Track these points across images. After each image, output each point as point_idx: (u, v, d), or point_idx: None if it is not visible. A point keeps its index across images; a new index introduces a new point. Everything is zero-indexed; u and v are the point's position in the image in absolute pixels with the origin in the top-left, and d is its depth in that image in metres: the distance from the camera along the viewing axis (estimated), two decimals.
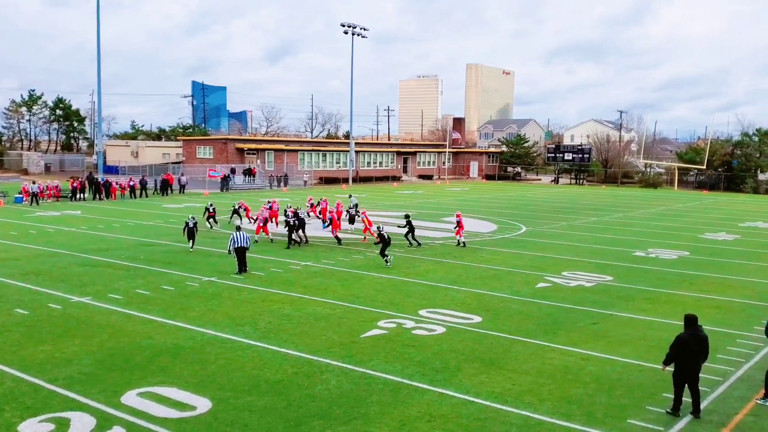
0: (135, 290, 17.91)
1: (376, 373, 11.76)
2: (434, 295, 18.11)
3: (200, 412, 9.87)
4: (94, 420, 9.48)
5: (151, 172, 70.17)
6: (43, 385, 10.83)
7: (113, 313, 15.50)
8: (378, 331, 14.36)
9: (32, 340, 13.30)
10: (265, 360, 12.36)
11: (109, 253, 23.91)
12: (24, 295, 17.22)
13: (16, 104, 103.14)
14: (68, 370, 11.59)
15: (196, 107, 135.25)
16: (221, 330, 14.24)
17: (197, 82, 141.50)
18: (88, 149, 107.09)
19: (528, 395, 10.89)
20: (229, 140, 78.16)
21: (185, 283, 19.03)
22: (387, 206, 47.21)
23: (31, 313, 15.32)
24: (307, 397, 10.60)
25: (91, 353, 12.52)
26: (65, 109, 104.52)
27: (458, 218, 27.76)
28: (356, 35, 75.32)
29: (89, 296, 17.10)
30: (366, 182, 79.92)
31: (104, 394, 10.48)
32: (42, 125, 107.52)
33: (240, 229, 21.22)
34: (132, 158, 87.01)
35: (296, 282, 19.43)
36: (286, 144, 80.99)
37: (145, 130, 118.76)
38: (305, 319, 15.34)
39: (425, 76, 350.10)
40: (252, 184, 66.42)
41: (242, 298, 17.24)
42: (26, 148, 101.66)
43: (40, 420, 9.45)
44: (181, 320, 14.96)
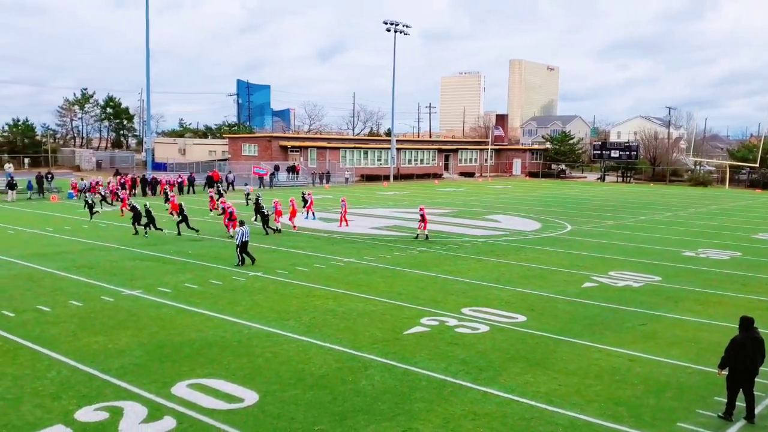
0: (183, 284, 18.30)
1: (420, 370, 11.80)
2: (477, 293, 18.06)
3: (248, 404, 10.06)
4: (145, 410, 9.75)
5: (197, 169, 71.42)
6: (97, 375, 11.17)
7: (163, 306, 15.87)
8: (421, 329, 14.40)
9: (86, 331, 13.72)
10: (309, 354, 12.52)
11: (158, 248, 24.45)
12: (78, 287, 17.75)
13: (69, 103, 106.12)
14: (121, 360, 11.93)
15: (241, 105, 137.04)
16: (267, 324, 14.47)
17: (242, 80, 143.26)
18: (137, 146, 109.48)
19: (574, 396, 10.81)
20: (273, 138, 79.05)
21: (232, 277, 19.36)
22: (428, 203, 47.16)
23: (85, 305, 15.80)
24: (352, 391, 10.70)
25: (142, 345, 12.86)
26: (115, 108, 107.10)
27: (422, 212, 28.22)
28: (399, 33, 75.34)
29: (140, 289, 17.54)
30: (407, 180, 79.90)
31: (155, 384, 10.76)
32: (93, 123, 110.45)
33: (244, 224, 21.81)
34: (180, 155, 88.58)
35: (339, 278, 19.59)
36: (328, 141, 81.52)
37: (192, 128, 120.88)
38: (348, 314, 15.47)
39: (467, 73, 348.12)
40: (295, 181, 67.05)
41: (287, 293, 17.46)
42: (78, 145, 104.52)
43: (95, 408, 9.75)
44: (228, 314, 15.24)
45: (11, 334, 13.29)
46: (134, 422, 9.30)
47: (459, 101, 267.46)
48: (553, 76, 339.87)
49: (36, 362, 11.75)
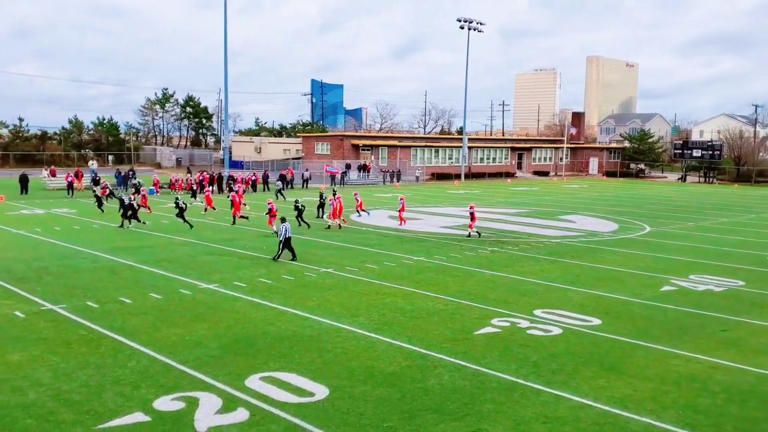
0: (258, 279, 18.71)
1: (490, 371, 11.68)
2: (550, 295, 17.74)
3: (318, 399, 10.20)
4: (220, 401, 10.01)
5: (272, 167, 72.88)
6: (174, 366, 11.55)
7: (238, 300, 16.27)
8: (491, 329, 14.25)
9: (165, 323, 14.21)
10: (379, 351, 12.58)
11: (234, 243, 25.09)
12: (158, 280, 18.40)
13: (151, 102, 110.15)
14: (197, 352, 12.30)
15: (314, 105, 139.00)
16: (337, 320, 14.62)
17: (316, 80, 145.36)
18: (215, 145, 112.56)
19: (650, 402, 10.47)
20: (345, 137, 79.76)
21: (304, 273, 19.67)
22: (500, 203, 46.63)
23: (164, 298, 16.37)
24: (421, 390, 10.70)
25: (217, 337, 13.22)
26: (195, 107, 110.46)
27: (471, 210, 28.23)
28: (473, 30, 74.76)
29: (216, 283, 18.03)
30: (478, 178, 79.25)
31: (229, 376, 11.04)
32: (174, 122, 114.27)
33: (285, 220, 22.31)
34: (255, 154, 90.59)
35: (409, 276, 19.61)
36: (399, 140, 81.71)
37: (268, 126, 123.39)
38: (418, 313, 15.47)
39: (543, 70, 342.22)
40: (366, 180, 67.52)
41: (357, 290, 17.61)
42: (159, 144, 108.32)
43: (172, 398, 10.08)
44: (300, 309, 15.49)
45: (95, 325, 13.89)
46: (209, 413, 9.56)
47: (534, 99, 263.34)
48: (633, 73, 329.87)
49: (117, 352, 12.25)
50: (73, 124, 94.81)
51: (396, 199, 37.43)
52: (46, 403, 9.79)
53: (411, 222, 33.46)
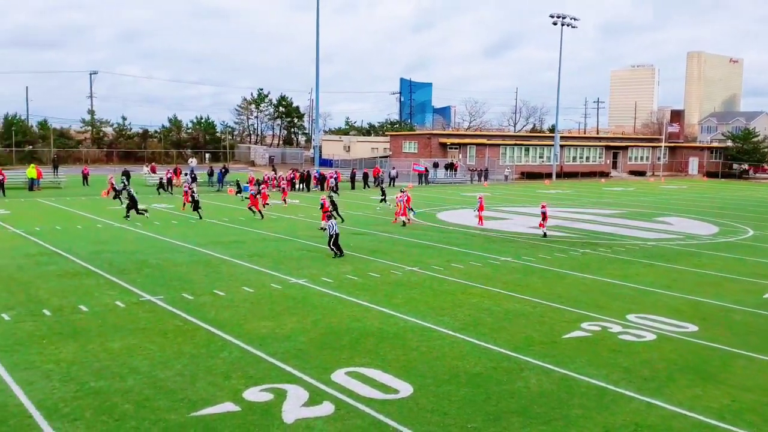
0: (345, 275, 18.96)
1: (579, 375, 11.38)
2: (644, 299, 17.11)
3: (402, 396, 10.23)
4: (307, 394, 10.21)
5: (360, 165, 73.69)
6: (264, 358, 11.87)
7: (325, 296, 16.55)
8: (581, 333, 13.89)
9: (256, 315, 14.63)
10: (464, 352, 12.49)
11: (322, 240, 25.49)
12: (250, 274, 18.97)
13: (246, 102, 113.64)
14: (286, 345, 12.59)
15: (403, 103, 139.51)
16: (422, 318, 14.63)
17: (405, 79, 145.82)
18: (306, 143, 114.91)
19: (750, 414, 9.92)
20: (433, 135, 79.71)
21: (389, 271, 19.78)
22: (593, 203, 45.36)
23: (255, 291, 16.85)
24: (506, 392, 10.55)
25: (305, 331, 13.49)
26: (287, 107, 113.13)
27: (543, 209, 27.68)
28: (566, 26, 73.05)
29: (305, 278, 18.41)
30: (571, 178, 77.39)
31: (316, 370, 11.24)
32: (267, 121, 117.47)
33: (332, 218, 22.68)
34: (344, 152, 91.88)
35: (496, 277, 19.38)
36: (488, 138, 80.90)
37: (357, 125, 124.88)
38: (504, 314, 15.26)
39: (640, 66, 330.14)
40: (453, 179, 67.21)
41: (443, 289, 17.55)
42: (253, 142, 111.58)
43: (261, 389, 10.36)
44: (385, 306, 15.59)
45: (190, 316, 14.47)
46: (296, 405, 9.77)
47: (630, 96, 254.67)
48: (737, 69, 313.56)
49: (210, 343, 12.70)
50: (172, 123, 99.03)
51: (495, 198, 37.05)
52: (143, 389, 10.28)
53: (499, 222, 33.09)
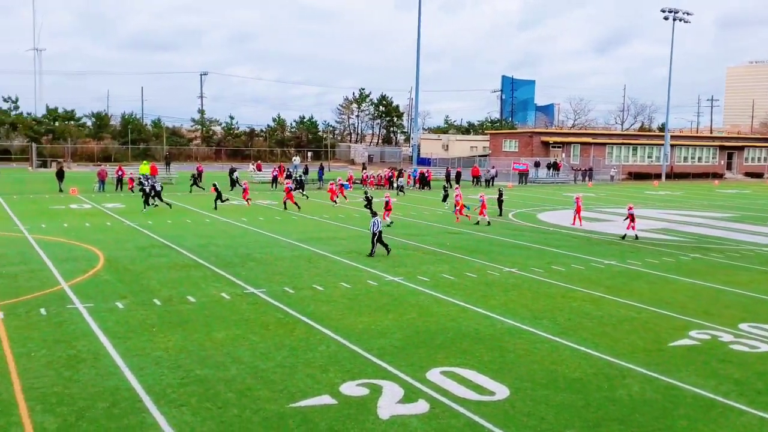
0: (441, 274, 18.92)
1: (685, 385, 10.85)
2: (759, 308, 16.09)
3: (498, 398, 10.09)
4: (402, 391, 10.26)
5: (459, 164, 73.31)
6: (360, 353, 12.02)
7: (421, 294, 16.58)
8: (688, 341, 13.24)
9: (353, 311, 14.84)
10: (563, 356, 12.18)
11: (419, 239, 25.59)
12: (347, 270, 19.27)
13: (348, 101, 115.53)
14: (382, 341, 12.70)
15: (504, 101, 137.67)
16: (520, 321, 14.38)
17: (507, 76, 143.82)
18: (404, 142, 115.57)
19: None
20: (535, 133, 78.19)
21: (487, 271, 19.57)
22: (705, 206, 43.13)
23: (352, 288, 17.10)
24: (607, 399, 10.20)
25: (401, 329, 13.56)
26: (387, 106, 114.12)
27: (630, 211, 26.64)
28: (679, 21, 69.82)
29: (401, 276, 18.51)
30: (681, 179, 73.94)
31: (411, 368, 11.27)
32: (367, 120, 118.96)
33: (376, 214, 22.40)
34: (443, 151, 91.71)
35: (598, 280, 18.77)
36: (593, 137, 78.51)
37: (456, 124, 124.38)
38: (607, 319, 14.76)
39: (758, 62, 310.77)
40: (556, 178, 65.67)
41: (542, 292, 17.18)
42: (353, 141, 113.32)
43: (357, 384, 10.50)
44: (482, 307, 15.44)
45: (290, 309, 14.86)
46: (391, 401, 9.83)
47: (747, 94, 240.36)
48: None
49: (309, 336, 12.99)
50: (277, 122, 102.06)
51: (585, 199, 36.09)
52: (245, 379, 10.64)
53: (602, 224, 32.08)
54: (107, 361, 11.25)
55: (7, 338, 12.26)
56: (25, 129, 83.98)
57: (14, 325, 13.11)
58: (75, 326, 13.18)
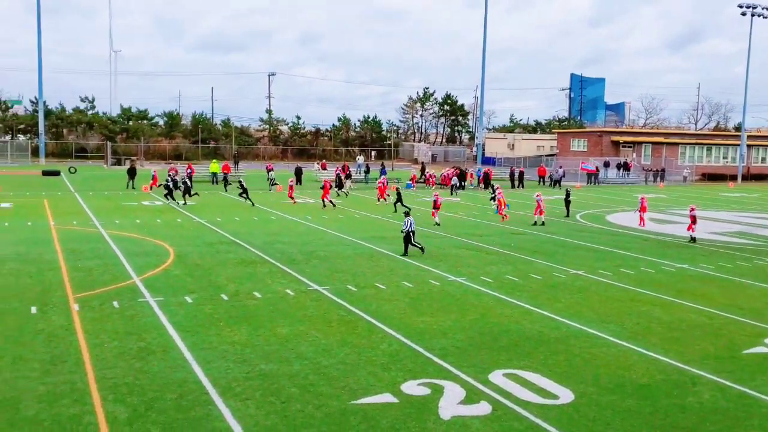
0: (505, 276, 18.70)
1: (759, 394, 10.40)
2: None
3: (562, 402, 9.91)
4: (463, 392, 10.19)
5: (525, 164, 72.36)
6: (421, 352, 12.00)
7: (484, 295, 16.43)
8: (764, 349, 12.69)
9: (415, 310, 14.83)
10: (631, 361, 11.86)
11: (483, 239, 25.36)
12: (410, 269, 19.27)
13: (412, 101, 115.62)
14: (443, 342, 12.65)
15: (572, 100, 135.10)
16: (586, 324, 14.07)
17: (576, 74, 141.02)
18: (469, 141, 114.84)
19: None
20: (604, 133, 76.48)
21: (552, 273, 19.24)
22: None
23: (414, 287, 17.09)
24: (676, 407, 9.88)
25: (463, 329, 13.47)
26: (452, 105, 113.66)
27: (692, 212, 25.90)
28: (757, 16, 67.01)
29: (464, 277, 18.39)
30: (759, 180, 70.98)
31: (473, 369, 11.18)
32: (431, 119, 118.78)
33: (409, 214, 22.03)
34: (508, 150, 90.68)
35: (669, 284, 18.19)
36: (665, 137, 76.23)
37: (522, 123, 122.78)
38: (677, 324, 14.29)
39: None
40: (626, 179, 64.03)
41: (609, 295, 16.78)
42: (417, 140, 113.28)
43: (419, 383, 10.48)
44: (547, 309, 15.18)
45: (353, 307, 14.96)
46: (452, 402, 9.78)
47: None
48: None
49: (371, 334, 13.05)
50: (342, 122, 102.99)
51: (657, 201, 35.08)
52: (308, 375, 10.77)
53: (674, 226, 31.10)
54: (176, 354, 11.58)
55: (82, 329, 12.77)
56: (100, 128, 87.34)
57: (89, 316, 13.65)
58: (146, 319, 13.62)
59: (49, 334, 12.47)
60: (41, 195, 38.14)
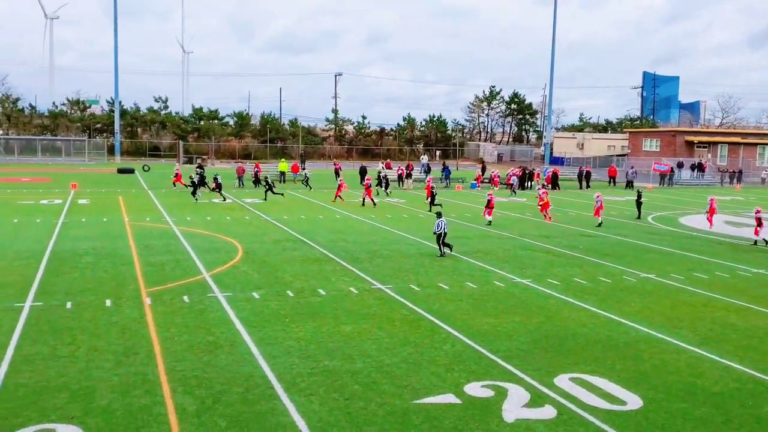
0: (572, 278, 18.34)
1: None
2: None
3: (630, 408, 9.64)
4: (528, 395, 10.04)
5: (594, 164, 70.79)
6: (485, 354, 11.89)
7: (550, 298, 16.15)
8: None
9: (479, 311, 14.70)
10: (703, 368, 11.45)
11: (550, 240, 24.94)
12: (473, 270, 19.12)
13: (479, 99, 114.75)
14: (508, 344, 12.50)
15: (645, 99, 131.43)
16: (657, 329, 13.65)
17: (648, 72, 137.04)
18: (536, 141, 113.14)
19: None
20: (678, 132, 74.06)
21: (622, 276, 18.75)
22: None
23: (478, 288, 16.95)
24: (751, 417, 9.47)
25: (528, 332, 13.28)
26: (519, 104, 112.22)
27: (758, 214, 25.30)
28: None
29: (529, 279, 18.12)
30: None
31: (538, 372, 11.01)
32: (498, 118, 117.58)
33: (441, 215, 21.50)
34: (577, 150, 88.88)
35: (745, 290, 17.47)
36: (742, 137, 73.22)
37: (592, 122, 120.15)
38: (753, 332, 13.71)
39: None
40: (700, 180, 61.87)
41: (681, 300, 16.23)
42: (483, 140, 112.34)
43: (482, 385, 10.39)
44: (615, 313, 14.81)
45: (416, 306, 14.95)
46: (517, 405, 9.65)
47: None
48: None
49: (434, 334, 13.01)
50: (406, 121, 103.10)
51: (733, 203, 33.75)
52: (370, 373, 10.83)
53: (751, 229, 29.80)
54: (242, 348, 11.84)
55: (154, 323, 13.20)
56: (173, 127, 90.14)
57: (160, 310, 14.09)
58: (214, 314, 13.97)
59: (122, 326, 12.94)
60: (116, 192, 39.62)
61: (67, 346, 11.69)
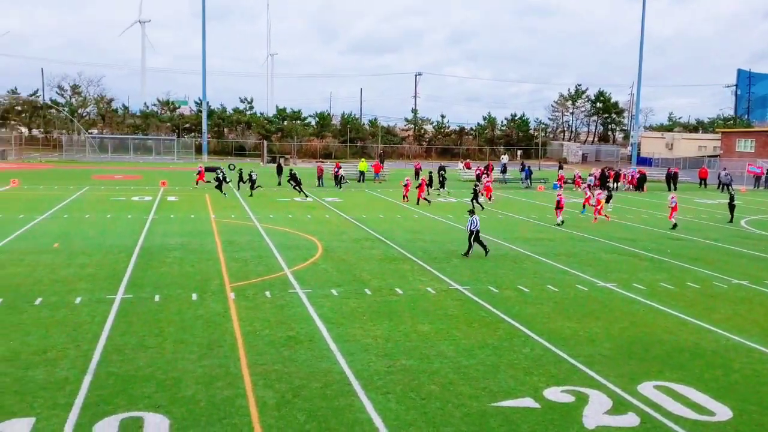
0: (659, 283, 17.69)
1: None
2: None
3: (719, 420, 9.22)
4: (610, 402, 9.76)
5: (684, 165, 68.09)
6: (566, 359, 11.63)
7: (635, 303, 15.63)
8: None
9: (560, 315, 14.39)
10: None
11: (636, 244, 24.14)
12: (555, 273, 18.73)
13: (563, 98, 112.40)
14: (589, 349, 12.18)
15: (739, 97, 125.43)
16: (749, 338, 13.00)
17: (743, 70, 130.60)
18: (623, 141, 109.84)
19: None
20: None
21: (712, 282, 17.96)
22: None
23: (560, 291, 16.58)
24: None
25: (611, 337, 12.90)
26: (605, 102, 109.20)
27: None
28: None
29: (613, 283, 17.60)
30: None
31: (621, 379, 10.67)
32: (583, 118, 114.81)
33: (473, 213, 21.10)
34: (666, 150, 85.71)
35: None
36: None
37: (681, 122, 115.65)
38: None
39: None
40: None
41: None
42: (567, 139, 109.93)
43: (562, 390, 10.16)
44: (704, 320, 14.19)
45: (494, 308, 14.77)
46: (598, 411, 9.40)
47: None
48: None
49: (513, 337, 12.82)
50: (487, 121, 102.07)
51: None
52: (447, 374, 10.77)
53: None
54: (321, 345, 12.01)
55: (237, 317, 13.58)
56: (257, 127, 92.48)
57: (243, 305, 14.48)
58: (294, 310, 14.24)
59: (207, 320, 13.37)
60: (203, 190, 40.96)
61: (155, 338, 12.17)
